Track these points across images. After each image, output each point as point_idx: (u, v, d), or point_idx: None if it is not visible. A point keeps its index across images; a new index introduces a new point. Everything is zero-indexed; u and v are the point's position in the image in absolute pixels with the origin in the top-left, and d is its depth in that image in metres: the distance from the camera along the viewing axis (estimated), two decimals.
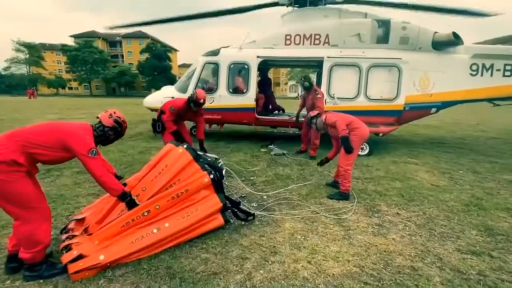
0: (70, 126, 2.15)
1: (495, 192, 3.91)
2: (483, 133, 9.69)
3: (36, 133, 2.00)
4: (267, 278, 2.07)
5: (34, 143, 1.94)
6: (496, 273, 2.17)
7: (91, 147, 2.10)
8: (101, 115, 2.42)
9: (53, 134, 2.02)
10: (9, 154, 1.83)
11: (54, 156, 2.06)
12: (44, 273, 2.03)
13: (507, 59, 6.31)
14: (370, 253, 2.41)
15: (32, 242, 1.97)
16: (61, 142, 2.03)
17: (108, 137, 2.41)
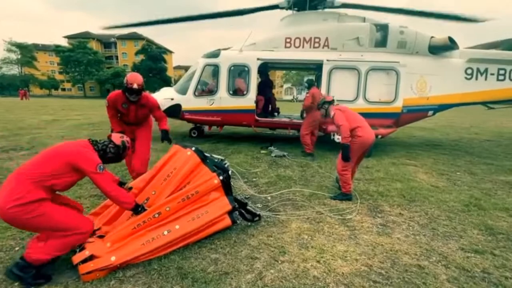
0: (73, 147, 2.10)
1: (493, 193, 4.01)
2: (477, 135, 9.91)
3: (44, 165, 1.95)
4: (278, 277, 2.09)
5: (47, 176, 1.91)
6: (499, 270, 2.23)
7: (98, 163, 2.09)
8: (113, 134, 2.45)
9: (60, 160, 1.98)
10: (31, 195, 1.84)
11: (68, 181, 2.05)
12: (29, 279, 1.95)
13: (501, 63, 6.49)
14: (376, 252, 2.45)
15: (65, 248, 2.04)
16: (69, 165, 2.00)
17: (106, 154, 2.32)
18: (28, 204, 1.84)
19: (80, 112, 17.25)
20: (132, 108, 3.48)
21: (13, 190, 1.83)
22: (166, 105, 7.40)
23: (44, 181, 1.91)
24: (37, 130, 9.03)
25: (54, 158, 1.99)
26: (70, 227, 2.02)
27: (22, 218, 1.86)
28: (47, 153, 2.05)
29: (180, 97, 7.27)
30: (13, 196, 1.81)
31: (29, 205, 1.84)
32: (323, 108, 4.00)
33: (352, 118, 3.69)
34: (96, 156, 2.15)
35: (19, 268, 1.94)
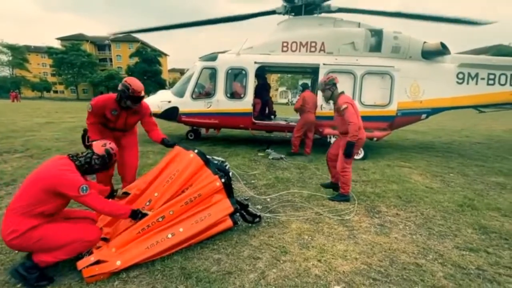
0: (50, 171, 1.99)
1: (485, 193, 4.13)
2: (468, 138, 10.15)
3: (25, 195, 1.93)
4: (281, 276, 2.12)
5: (31, 205, 1.90)
6: (493, 267, 2.31)
7: (80, 185, 1.97)
8: (94, 143, 2.28)
9: (38, 188, 1.92)
10: (23, 226, 1.88)
11: (58, 204, 2.01)
12: (32, 280, 1.95)
13: (490, 68, 6.70)
14: (375, 251, 2.51)
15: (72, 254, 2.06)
16: (49, 192, 1.93)
17: (92, 166, 2.21)
18: (23, 234, 1.89)
19: (74, 114, 17.05)
20: (122, 115, 3.15)
21: (7, 225, 1.90)
22: (164, 107, 7.42)
23: (30, 211, 1.91)
24: (31, 133, 8.91)
25: (33, 187, 1.94)
26: (73, 240, 2.03)
27: (25, 245, 1.94)
28: (27, 182, 2.00)
29: (178, 99, 7.28)
30: (8, 230, 1.88)
31: (25, 234, 1.89)
32: (330, 90, 3.73)
33: (359, 119, 3.56)
34: (77, 176, 2.02)
35: (25, 268, 1.94)
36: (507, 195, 4.07)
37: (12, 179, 4.35)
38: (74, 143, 7.43)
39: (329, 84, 3.74)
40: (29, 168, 4.94)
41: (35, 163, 5.29)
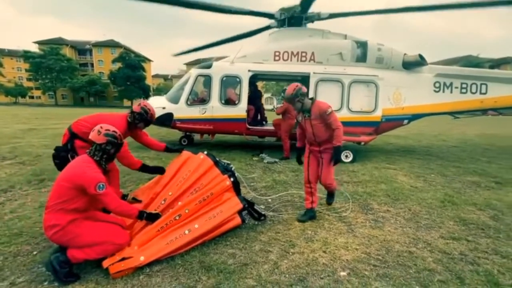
0: (73, 169, 2.17)
1: (462, 191, 4.58)
2: (444, 142, 10.92)
3: (57, 194, 2.10)
4: (292, 266, 2.35)
5: (63, 202, 2.08)
6: (473, 252, 2.65)
7: (97, 182, 2.10)
8: (92, 135, 2.31)
9: (66, 186, 2.09)
10: (61, 221, 2.07)
11: (85, 200, 2.16)
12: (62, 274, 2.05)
13: (463, 78, 7.37)
14: (372, 243, 2.80)
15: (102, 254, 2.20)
16: (76, 188, 2.09)
17: (108, 153, 2.34)
18: (64, 227, 2.07)
19: (57, 121, 16.54)
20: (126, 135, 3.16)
21: (48, 221, 2.09)
22: (158, 113, 7.49)
23: (65, 207, 2.09)
24: (16, 140, 8.65)
25: (63, 186, 2.11)
26: (105, 241, 2.19)
27: (63, 240, 2.11)
28: (58, 181, 2.17)
29: (172, 106, 7.40)
30: (50, 225, 2.07)
31: (66, 228, 2.08)
32: (299, 102, 3.21)
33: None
34: (96, 173, 2.16)
35: (58, 261, 2.05)
36: (482, 192, 4.54)
37: (10, 185, 4.30)
38: None
39: (298, 95, 3.18)
40: (24, 175, 4.89)
41: (29, 170, 5.23)
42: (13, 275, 2.16)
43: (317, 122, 3.21)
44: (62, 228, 2.06)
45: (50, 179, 4.71)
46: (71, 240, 2.10)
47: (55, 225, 2.05)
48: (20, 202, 3.70)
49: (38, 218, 3.17)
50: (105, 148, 2.31)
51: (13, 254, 2.44)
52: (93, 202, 2.27)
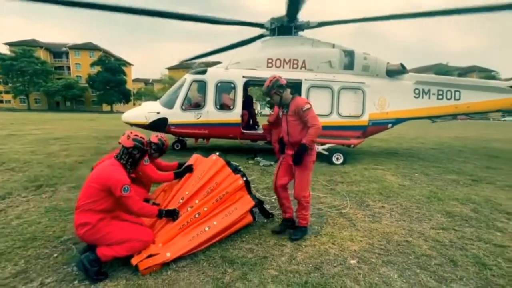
0: (101, 172, 2.31)
1: (445, 188, 5.03)
2: (423, 145, 11.69)
3: (86, 194, 2.24)
4: (307, 257, 2.56)
5: (92, 202, 2.21)
6: (460, 240, 3.00)
7: (123, 184, 2.23)
8: (121, 139, 2.48)
9: (95, 187, 2.22)
10: (92, 219, 2.20)
11: (112, 201, 2.29)
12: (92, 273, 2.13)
13: (439, 85, 8.03)
14: (374, 235, 3.08)
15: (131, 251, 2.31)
16: (104, 189, 2.22)
17: (134, 157, 2.49)
18: (95, 226, 2.19)
19: (35, 126, 15.82)
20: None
21: (79, 220, 2.21)
22: (152, 118, 7.53)
23: (94, 207, 2.21)
24: None
25: (92, 187, 2.24)
26: (132, 238, 2.30)
27: (94, 238, 2.22)
28: (87, 183, 2.30)
29: (167, 111, 7.45)
30: (81, 224, 2.19)
31: (96, 226, 2.20)
32: (277, 94, 2.98)
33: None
34: (122, 176, 2.30)
35: (88, 260, 2.12)
36: (461, 188, 5.02)
37: (7, 192, 4.20)
38: (53, 155, 7.12)
39: (274, 87, 2.96)
40: (18, 181, 4.77)
41: (22, 176, 5.09)
42: (40, 277, 2.20)
43: (293, 119, 2.91)
44: (93, 227, 2.17)
45: (47, 185, 4.66)
46: (101, 238, 2.21)
47: (86, 223, 2.16)
48: (23, 208, 3.64)
49: (48, 222, 3.18)
50: (131, 152, 2.45)
51: (33, 257, 2.47)
52: (119, 204, 2.37)
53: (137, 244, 2.31)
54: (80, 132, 13.33)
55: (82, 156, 7.19)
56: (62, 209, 3.59)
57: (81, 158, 6.92)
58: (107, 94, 57.63)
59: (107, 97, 57.97)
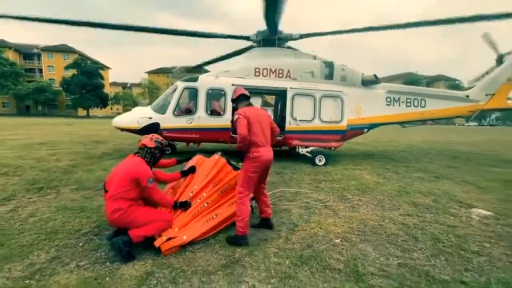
0: (130, 166, 2.73)
1: (412, 184, 5.81)
2: (396, 147, 12.78)
3: (118, 185, 2.64)
4: (300, 238, 3.08)
5: (124, 191, 2.63)
6: (422, 223, 3.67)
7: (148, 177, 2.68)
8: (144, 141, 2.92)
9: (125, 179, 2.64)
10: (124, 205, 2.62)
11: (139, 191, 2.70)
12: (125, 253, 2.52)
13: (407, 94, 9.01)
14: (353, 221, 3.67)
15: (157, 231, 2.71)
16: (133, 181, 2.65)
17: (155, 156, 2.95)
18: (126, 211, 2.61)
19: (11, 131, 15.23)
20: None
21: (111, 207, 2.60)
22: (144, 123, 7.80)
23: (125, 196, 2.63)
24: None
25: (123, 179, 2.66)
26: (157, 219, 2.74)
27: (125, 221, 2.63)
28: (118, 176, 2.71)
29: (159, 116, 7.76)
30: (113, 210, 2.59)
31: (127, 211, 2.61)
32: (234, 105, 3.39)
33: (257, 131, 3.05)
34: (147, 170, 2.74)
35: (122, 241, 2.51)
36: (425, 184, 5.82)
37: (10, 194, 4.36)
38: (43, 160, 7.16)
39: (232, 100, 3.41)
40: (17, 185, 4.89)
41: (19, 180, 5.20)
42: (74, 261, 2.54)
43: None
44: (125, 212, 2.58)
45: (48, 187, 4.84)
46: (132, 221, 2.61)
47: (119, 209, 2.56)
48: (32, 208, 3.86)
49: (63, 219, 3.46)
50: (153, 151, 2.89)
51: (61, 247, 2.78)
52: (143, 194, 2.77)
53: (161, 224, 2.72)
54: (62, 137, 13.08)
55: (73, 160, 7.29)
56: (72, 207, 3.86)
57: (73, 162, 7.03)
58: (83, 98, 55.57)
59: (83, 101, 55.87)
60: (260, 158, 3.05)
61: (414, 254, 2.82)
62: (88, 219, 3.46)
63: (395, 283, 2.31)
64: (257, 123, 3.06)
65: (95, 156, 8.02)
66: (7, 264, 2.45)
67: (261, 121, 3.12)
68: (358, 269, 2.50)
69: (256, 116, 3.09)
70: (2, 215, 3.56)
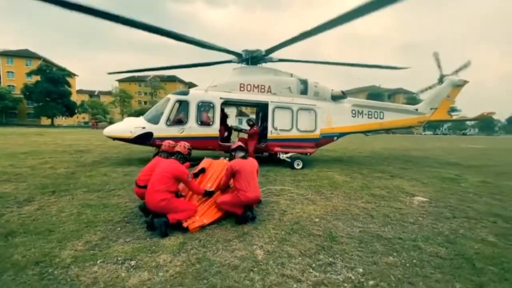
0: (171, 166, 3.63)
1: (372, 181, 7.13)
2: (361, 153, 14.47)
3: (162, 181, 3.51)
4: (289, 219, 4.08)
5: (167, 185, 3.52)
6: (378, 207, 4.87)
7: (187, 173, 3.70)
8: (179, 148, 4.06)
9: (168, 176, 3.53)
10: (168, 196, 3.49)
11: (177, 185, 3.63)
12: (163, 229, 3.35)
13: (369, 108, 10.62)
14: (328, 208, 4.76)
15: (188, 217, 3.57)
16: (174, 177, 3.56)
17: (186, 159, 4.07)
18: (170, 200, 3.48)
19: None
20: None
21: (157, 197, 3.46)
22: (137, 132, 8.40)
23: (167, 190, 3.51)
24: None
25: (165, 176, 3.53)
26: (188, 208, 3.62)
27: (167, 208, 3.47)
28: (160, 174, 3.56)
29: (152, 126, 8.41)
30: (159, 199, 3.45)
31: (170, 200, 3.49)
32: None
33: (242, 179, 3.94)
34: (185, 168, 3.73)
35: (163, 222, 3.32)
36: (383, 181, 7.17)
37: (28, 197, 4.83)
38: (38, 168, 7.45)
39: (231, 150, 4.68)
40: (28, 189, 5.32)
41: (28, 185, 5.61)
42: (120, 238, 3.28)
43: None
44: (169, 200, 3.42)
45: (60, 190, 5.35)
46: (172, 208, 3.45)
47: (165, 199, 3.40)
48: (57, 206, 4.42)
49: (93, 213, 4.11)
50: (186, 156, 3.87)
51: (104, 231, 3.48)
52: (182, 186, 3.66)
53: (191, 212, 3.58)
54: (41, 147, 12.93)
55: (68, 168, 7.65)
56: (94, 205, 4.50)
57: (69, 170, 7.41)
58: (47, 106, 52.53)
59: (47, 110, 52.79)
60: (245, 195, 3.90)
61: (370, 225, 3.96)
62: (114, 212, 4.16)
63: (357, 241, 3.39)
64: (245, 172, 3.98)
65: (87, 164, 8.40)
66: (68, 242, 3.14)
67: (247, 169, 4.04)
68: (332, 234, 3.56)
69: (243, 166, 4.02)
70: (33, 212, 4.12)
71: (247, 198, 3.87)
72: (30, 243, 3.08)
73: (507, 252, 3.22)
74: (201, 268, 2.66)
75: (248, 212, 3.90)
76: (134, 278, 2.49)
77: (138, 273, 2.57)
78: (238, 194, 3.89)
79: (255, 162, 4.36)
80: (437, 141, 33.52)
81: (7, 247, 2.98)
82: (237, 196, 3.89)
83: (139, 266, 2.69)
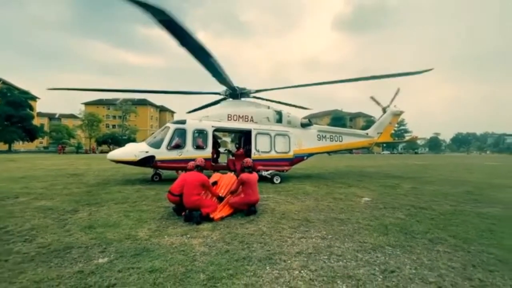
0: (198, 177, 5.37)
1: (334, 190, 9.32)
2: (327, 170, 16.98)
3: (194, 188, 5.23)
4: (278, 213, 5.96)
5: (198, 190, 5.26)
6: (337, 205, 6.96)
7: (210, 181, 5.56)
8: (198, 162, 5.75)
9: (198, 184, 5.28)
10: (198, 196, 5.23)
11: (203, 190, 5.39)
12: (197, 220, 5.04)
13: (331, 133, 13.22)
14: (303, 206, 6.73)
15: (213, 211, 5.24)
16: (202, 185, 5.33)
17: (202, 170, 5.78)
18: (200, 199, 5.20)
19: None
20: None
21: (192, 197, 5.16)
22: (141, 156, 9.85)
23: (198, 192, 5.26)
24: None
25: (195, 184, 5.27)
26: (212, 205, 5.35)
27: (198, 204, 5.16)
28: (190, 184, 5.27)
29: (155, 150, 9.93)
30: (193, 199, 5.15)
31: (200, 198, 5.20)
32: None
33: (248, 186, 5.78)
34: (206, 177, 5.51)
35: (197, 215, 5.00)
36: (342, 189, 9.41)
37: (73, 208, 6.11)
38: (51, 189, 8.48)
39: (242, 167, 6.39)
40: (64, 203, 6.54)
41: (58, 200, 6.80)
42: (170, 227, 4.87)
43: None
44: (200, 199, 5.10)
45: (92, 204, 6.62)
46: (202, 205, 5.11)
47: (198, 199, 5.08)
48: (103, 213, 5.78)
49: (136, 215, 5.59)
50: (202, 167, 5.56)
51: (156, 224, 5.04)
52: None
53: (214, 208, 5.31)
54: (28, 173, 13.40)
55: (80, 188, 8.78)
56: (132, 210, 5.96)
57: (84, 189, 8.56)
58: (6, 131, 49.38)
59: (5, 135, 49.53)
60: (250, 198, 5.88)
61: (331, 214, 5.99)
62: (153, 214, 5.68)
63: (322, 221, 5.38)
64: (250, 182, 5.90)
65: (94, 185, 9.53)
66: (137, 229, 4.67)
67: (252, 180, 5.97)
68: (307, 218, 5.51)
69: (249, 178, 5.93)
70: (88, 217, 5.48)
71: (251, 200, 5.71)
72: (111, 231, 4.56)
73: (408, 223, 5.42)
74: (232, 236, 4.41)
75: (252, 207, 5.73)
76: (195, 240, 4.17)
77: (195, 239, 4.25)
78: (245, 197, 5.71)
79: (257, 175, 6.23)
80: (391, 159, 38.18)
81: (98, 234, 4.44)
82: (244, 198, 5.71)
83: (193, 237, 4.35)
